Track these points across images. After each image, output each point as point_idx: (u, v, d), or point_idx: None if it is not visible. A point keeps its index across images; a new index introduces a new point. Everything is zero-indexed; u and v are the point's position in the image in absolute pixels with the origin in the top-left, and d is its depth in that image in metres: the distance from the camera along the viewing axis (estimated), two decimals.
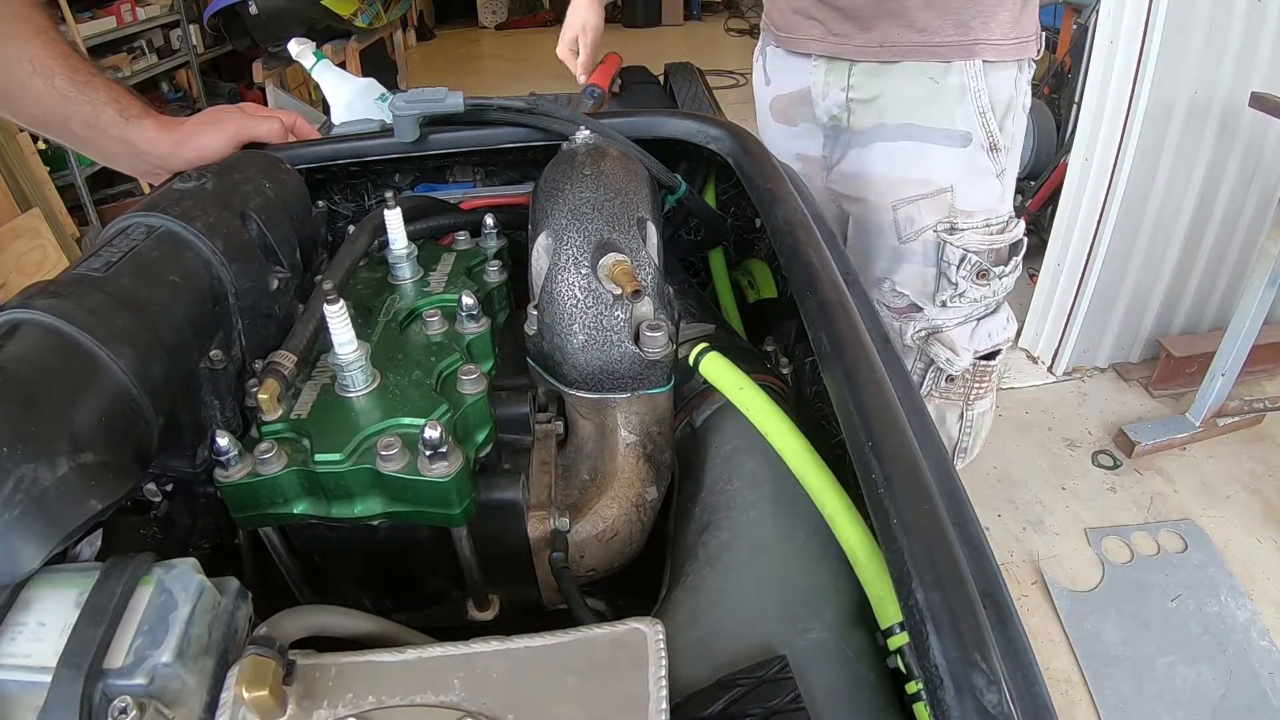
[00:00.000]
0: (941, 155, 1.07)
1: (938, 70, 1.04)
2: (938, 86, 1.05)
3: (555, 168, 0.72)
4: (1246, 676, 1.54)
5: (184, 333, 0.55)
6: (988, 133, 1.06)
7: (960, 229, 1.09)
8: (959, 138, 1.06)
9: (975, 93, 1.04)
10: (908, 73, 1.06)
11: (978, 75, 1.03)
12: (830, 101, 1.14)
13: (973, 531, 0.44)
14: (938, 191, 1.08)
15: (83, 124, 0.77)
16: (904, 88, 1.07)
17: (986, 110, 1.05)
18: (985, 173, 1.08)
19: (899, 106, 1.08)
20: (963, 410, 1.22)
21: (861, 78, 1.09)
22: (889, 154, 1.11)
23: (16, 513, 0.38)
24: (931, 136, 1.07)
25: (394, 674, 0.41)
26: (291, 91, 3.83)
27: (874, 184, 1.13)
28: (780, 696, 0.43)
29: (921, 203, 1.10)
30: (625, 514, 0.61)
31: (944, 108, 1.06)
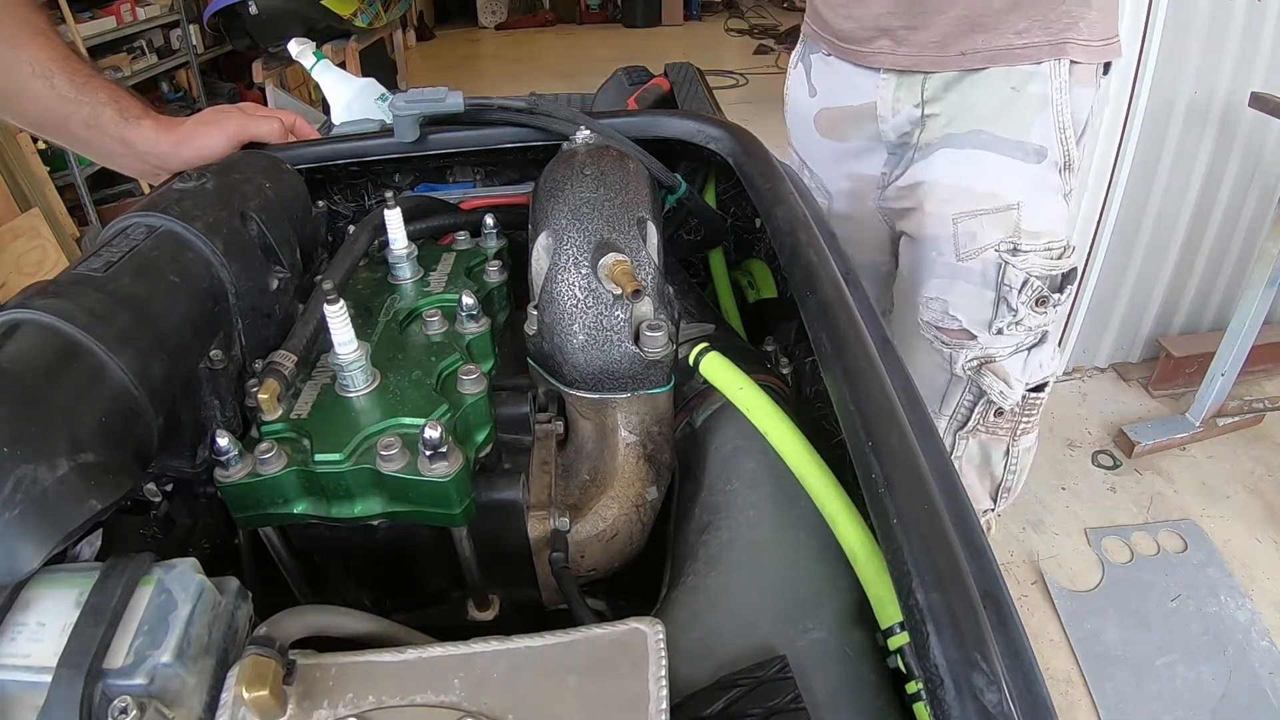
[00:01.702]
0: (1012, 169, 0.99)
1: (1020, 77, 0.96)
2: (1018, 95, 0.97)
3: (555, 168, 0.72)
4: (1246, 676, 1.54)
5: (184, 333, 0.55)
6: (1064, 150, 0.99)
7: (1023, 250, 1.01)
8: (1033, 152, 0.98)
9: (1058, 106, 0.96)
10: (990, 81, 0.98)
11: (1062, 87, 0.95)
12: (902, 118, 1.05)
13: (973, 531, 0.44)
14: (1004, 208, 1.00)
15: (82, 125, 0.77)
16: (984, 98, 0.99)
17: (1066, 126, 0.97)
18: (1054, 192, 1.01)
19: (972, 113, 1.00)
20: (1009, 445, 1.14)
21: (938, 90, 1.01)
22: (954, 163, 1.02)
23: (16, 513, 0.38)
24: (1003, 147, 0.99)
25: (394, 674, 0.41)
26: (291, 91, 3.83)
27: (935, 193, 1.04)
28: (780, 696, 0.43)
29: (985, 218, 1.01)
30: (625, 514, 0.61)
31: (1021, 118, 0.98)
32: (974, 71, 0.98)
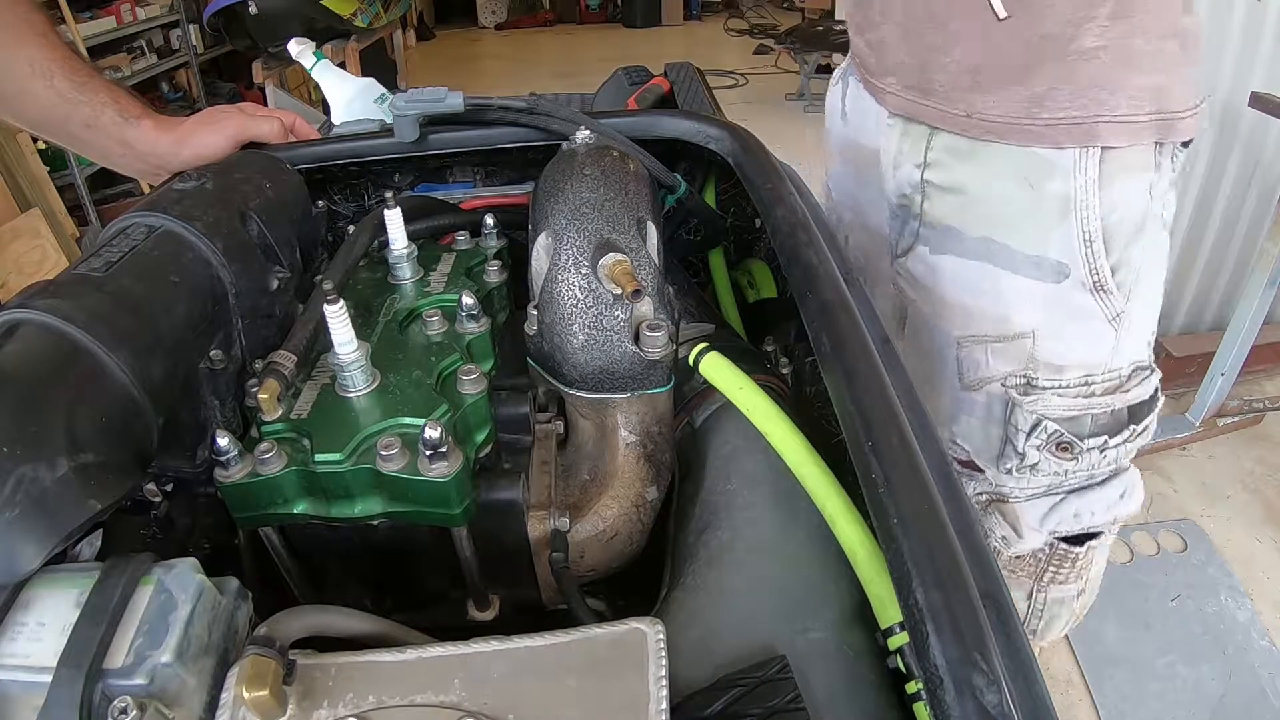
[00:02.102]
0: (1024, 289, 0.81)
1: (1037, 167, 0.76)
2: (1033, 195, 0.77)
3: (555, 168, 0.72)
4: (1246, 676, 1.54)
5: (184, 333, 0.55)
6: (1091, 267, 0.78)
7: (1040, 387, 0.83)
8: (1050, 269, 0.79)
9: (1082, 209, 0.76)
10: (999, 161, 0.79)
11: (1090, 186, 0.75)
12: (902, 177, 0.88)
13: (973, 531, 0.44)
14: (1014, 336, 0.83)
15: (82, 125, 0.77)
16: (991, 184, 0.80)
17: (1094, 236, 0.76)
18: (1087, 316, 0.81)
19: (981, 210, 0.82)
20: (1032, 591, 0.96)
21: (942, 153, 0.83)
22: (959, 274, 0.85)
23: (16, 513, 0.38)
24: (1014, 262, 0.81)
25: (394, 674, 0.41)
26: (291, 91, 3.83)
27: (936, 303, 0.89)
28: (780, 696, 0.43)
29: (992, 346, 0.84)
30: (625, 514, 0.61)
31: (1037, 226, 0.78)
32: (984, 143, 0.79)
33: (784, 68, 5.80)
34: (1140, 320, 0.84)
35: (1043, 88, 0.74)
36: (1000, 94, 0.76)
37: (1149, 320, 0.86)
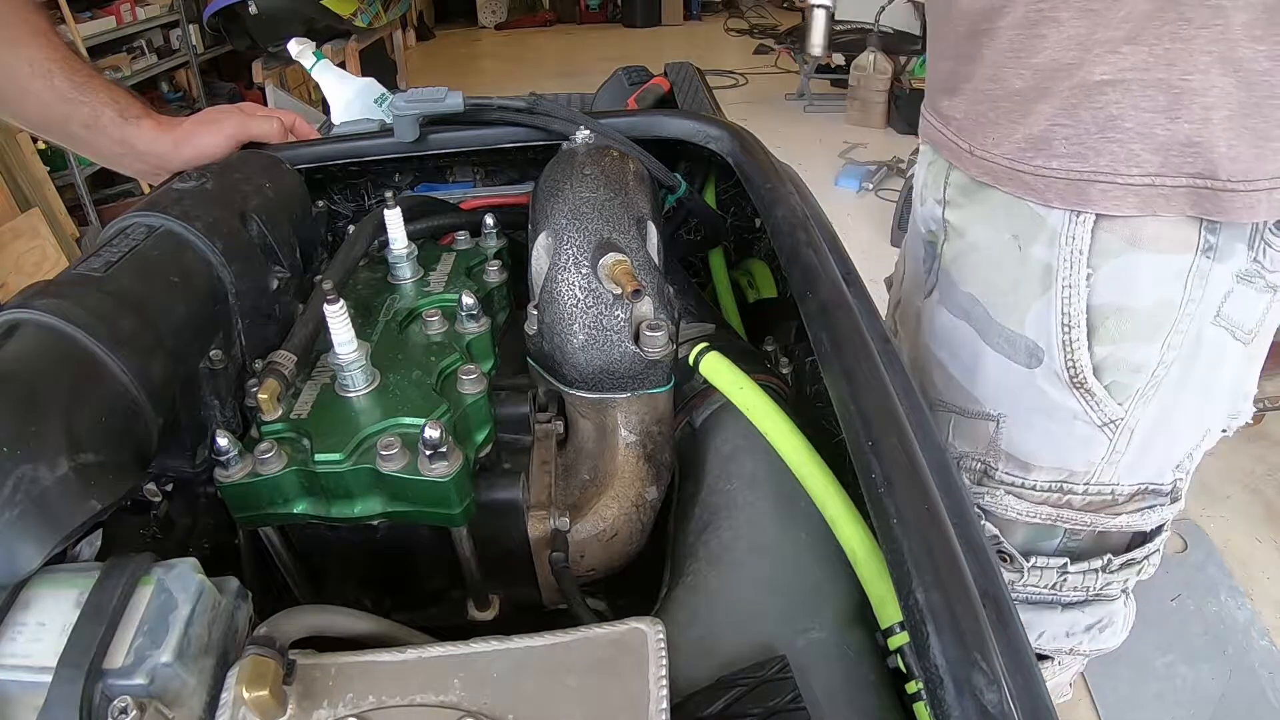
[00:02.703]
0: (995, 365, 0.71)
1: (1027, 226, 0.66)
2: (1019, 258, 0.67)
3: (555, 167, 0.72)
4: (1246, 676, 1.54)
5: (184, 333, 0.55)
6: (1069, 359, 0.65)
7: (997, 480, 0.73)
8: (1024, 349, 0.68)
9: (1064, 285, 0.63)
10: (995, 210, 0.69)
11: (1075, 257, 0.62)
12: (927, 211, 0.81)
13: (973, 531, 0.44)
14: (977, 415, 0.74)
15: (82, 125, 0.77)
16: (985, 235, 0.71)
17: (1075, 321, 0.64)
18: (1064, 414, 0.68)
19: (972, 263, 0.73)
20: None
21: (957, 193, 0.74)
22: (947, 332, 0.77)
23: (16, 513, 0.38)
24: (990, 332, 0.71)
25: (394, 674, 0.41)
26: (291, 91, 3.83)
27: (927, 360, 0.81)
28: (780, 696, 0.43)
29: (956, 419, 0.76)
30: (625, 514, 0.61)
31: (1017, 295, 0.68)
32: (985, 186, 0.70)
33: (784, 68, 5.80)
34: (1160, 436, 0.68)
35: (1040, 127, 0.62)
36: (1001, 130, 0.66)
37: (1180, 440, 0.70)
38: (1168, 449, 0.70)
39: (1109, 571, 0.75)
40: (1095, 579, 0.75)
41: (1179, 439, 0.70)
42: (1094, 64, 0.58)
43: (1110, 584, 0.76)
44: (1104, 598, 0.78)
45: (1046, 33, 0.60)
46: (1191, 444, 0.71)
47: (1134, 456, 0.69)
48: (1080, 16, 0.58)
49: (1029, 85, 0.63)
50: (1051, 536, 0.75)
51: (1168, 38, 0.55)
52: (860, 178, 3.74)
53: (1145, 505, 0.72)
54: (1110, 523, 0.72)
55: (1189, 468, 0.72)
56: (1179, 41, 0.55)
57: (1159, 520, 0.72)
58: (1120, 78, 0.58)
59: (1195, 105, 0.56)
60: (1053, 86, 0.61)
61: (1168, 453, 0.71)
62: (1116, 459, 0.70)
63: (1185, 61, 0.56)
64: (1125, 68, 0.57)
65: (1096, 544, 0.75)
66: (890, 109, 4.44)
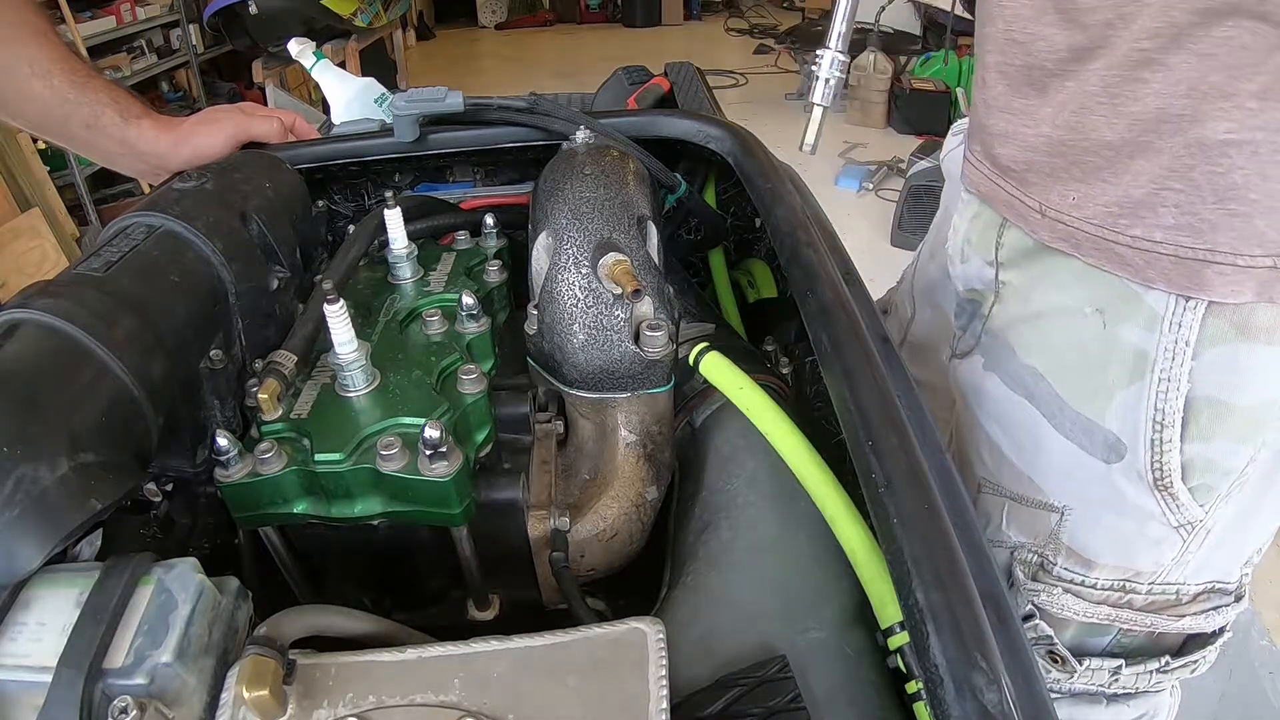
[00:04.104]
0: (1064, 454, 0.63)
1: (1116, 303, 0.56)
2: (1103, 337, 0.58)
3: (555, 167, 0.72)
4: (1246, 676, 1.54)
5: (184, 333, 0.55)
6: (1156, 459, 0.57)
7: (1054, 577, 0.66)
8: (1102, 442, 0.60)
9: (1162, 377, 0.55)
10: (1069, 279, 0.60)
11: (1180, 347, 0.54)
12: (971, 270, 0.70)
13: (973, 531, 0.44)
14: (1038, 505, 0.66)
15: (82, 125, 0.77)
16: (1059, 304, 0.61)
17: (1170, 420, 0.56)
18: (1139, 514, 0.61)
19: (1039, 334, 0.63)
20: None
21: (1014, 252, 0.64)
22: (1000, 404, 0.68)
23: (16, 512, 0.38)
24: (1060, 416, 0.62)
25: (394, 674, 0.41)
26: (291, 91, 3.83)
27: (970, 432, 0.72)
28: (780, 696, 0.43)
29: (1011, 505, 0.68)
30: (625, 514, 0.61)
31: (1098, 380, 0.59)
32: (1055, 252, 0.60)
33: (784, 68, 5.80)
34: (1234, 537, 0.62)
35: (1142, 190, 0.52)
36: (1085, 187, 0.55)
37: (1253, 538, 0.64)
38: (1240, 548, 0.65)
39: (1164, 671, 0.70)
40: (1149, 679, 0.70)
41: (1252, 537, 0.65)
42: (1215, 118, 0.48)
43: (1162, 682, 0.71)
44: (1145, 692, 0.73)
45: (1150, 77, 0.50)
46: (1263, 540, 0.66)
47: (1206, 557, 0.63)
48: (1199, 60, 0.48)
49: (1124, 139, 0.52)
50: (1104, 634, 0.69)
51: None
52: (860, 178, 3.74)
53: (1210, 606, 0.66)
54: (1173, 625, 0.66)
55: (1256, 561, 0.67)
56: None
57: (1222, 621, 0.66)
58: (1248, 138, 0.48)
59: None
60: (1156, 142, 0.51)
61: (1239, 551, 0.65)
62: (1188, 559, 0.63)
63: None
64: (1255, 126, 0.48)
65: (1152, 642, 0.69)
66: (890, 109, 4.44)
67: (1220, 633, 0.67)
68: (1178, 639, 0.69)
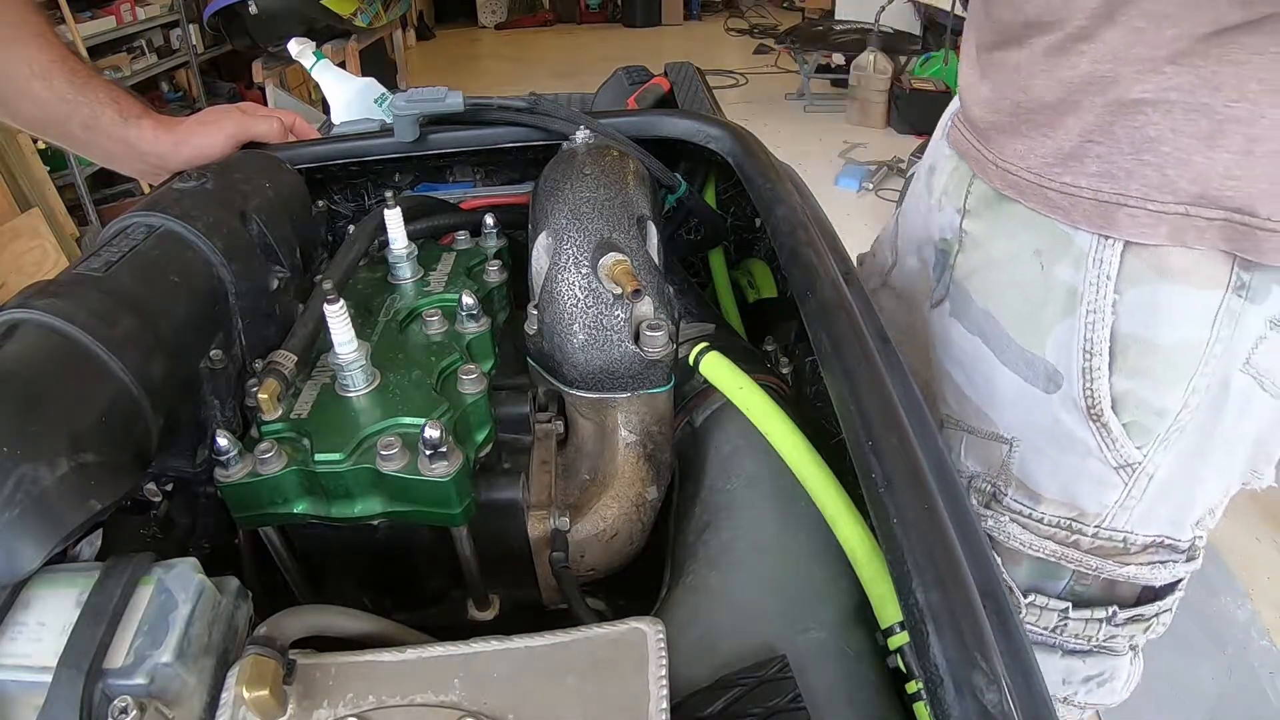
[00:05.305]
0: (1011, 386, 0.68)
1: (1052, 245, 0.63)
2: (1041, 277, 0.64)
3: (555, 167, 0.72)
4: (1246, 676, 1.54)
5: (184, 332, 0.55)
6: (1088, 387, 0.62)
7: (1004, 507, 0.71)
8: (1042, 372, 0.65)
9: (1089, 310, 0.60)
10: (1017, 224, 0.66)
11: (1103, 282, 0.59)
12: (944, 218, 0.76)
13: (973, 531, 0.44)
14: (989, 436, 0.71)
15: (81, 125, 0.77)
16: (1006, 249, 0.67)
17: (1098, 348, 0.61)
18: (1080, 448, 0.65)
19: (990, 278, 0.69)
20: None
21: (978, 201, 0.71)
22: (960, 349, 0.74)
23: (16, 512, 0.38)
24: (1007, 352, 0.68)
25: (394, 674, 0.41)
26: (291, 91, 3.83)
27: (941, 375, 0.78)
28: (780, 696, 0.43)
29: (968, 438, 0.74)
30: (625, 513, 0.61)
31: (1038, 316, 0.65)
32: (1008, 199, 0.67)
33: (784, 68, 5.80)
34: (1179, 487, 0.65)
35: (1071, 143, 0.59)
36: (1029, 141, 0.63)
37: (1202, 495, 0.67)
38: (1188, 503, 0.67)
39: (1113, 624, 0.72)
40: (1098, 629, 0.72)
41: (1201, 494, 0.67)
42: (1133, 81, 0.55)
43: (1115, 637, 0.73)
44: (1109, 650, 0.75)
45: (1085, 48, 0.57)
46: (1214, 500, 0.68)
47: (1150, 506, 0.66)
48: (1127, 33, 0.54)
49: (1060, 99, 0.60)
50: (1058, 577, 0.72)
51: (1215, 60, 0.52)
52: (860, 178, 3.74)
53: (1158, 559, 0.69)
54: (1118, 571, 0.68)
55: (1210, 525, 0.69)
56: (1228, 66, 0.51)
57: (1171, 577, 0.69)
58: (1162, 98, 0.54)
59: (1239, 135, 0.53)
60: (1084, 101, 0.58)
61: (1187, 507, 0.67)
62: (1131, 505, 0.67)
63: (1232, 88, 0.52)
64: (1168, 88, 0.54)
65: (1104, 593, 0.72)
66: (890, 109, 4.44)
67: (1172, 589, 0.70)
68: (1130, 592, 0.71)
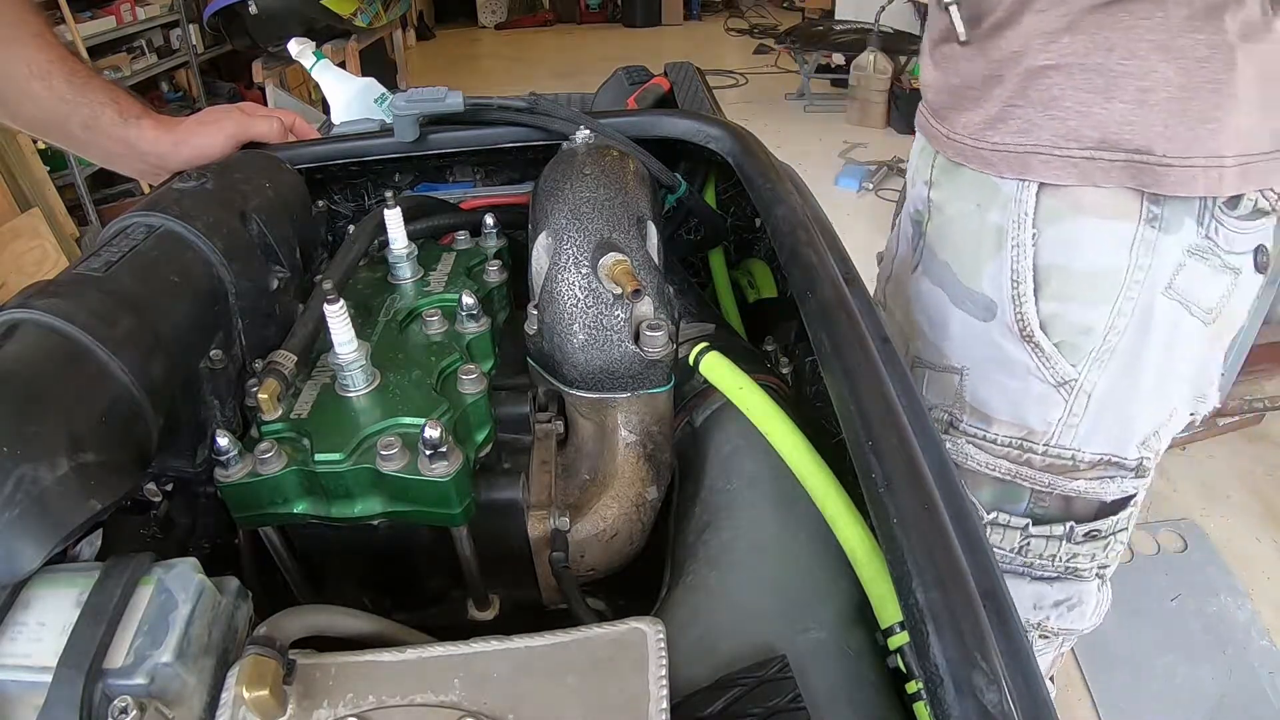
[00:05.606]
0: (960, 322, 0.78)
1: (986, 196, 0.73)
2: (979, 223, 0.74)
3: (555, 167, 0.72)
4: (1246, 676, 1.54)
5: (184, 332, 0.55)
6: (1018, 311, 0.72)
7: (963, 430, 0.80)
8: (981, 304, 0.75)
9: (1013, 244, 0.71)
10: (963, 184, 0.77)
11: (1023, 219, 0.70)
12: (916, 193, 0.88)
13: (973, 531, 0.44)
14: (945, 369, 0.81)
15: (81, 126, 0.77)
16: (956, 207, 0.79)
17: (1023, 277, 0.71)
18: (1020, 369, 0.74)
19: (946, 234, 0.81)
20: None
21: (938, 173, 0.82)
22: (924, 297, 0.85)
23: (16, 512, 0.38)
24: (957, 293, 0.78)
25: (394, 674, 0.41)
26: (291, 91, 3.83)
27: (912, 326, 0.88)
28: (780, 696, 0.43)
29: (930, 374, 0.84)
30: (625, 513, 0.61)
31: (977, 256, 0.75)
32: (957, 165, 0.77)
33: (784, 68, 5.80)
34: (1117, 404, 0.73)
35: (996, 109, 0.71)
36: (968, 114, 0.74)
37: (1143, 414, 0.74)
38: (1129, 421, 0.74)
39: (1073, 541, 0.78)
40: (1059, 547, 0.79)
41: (1141, 413, 0.74)
42: (1038, 52, 0.67)
43: (1076, 556, 0.80)
44: (1075, 574, 0.81)
45: (1010, 34, 0.69)
46: (1157, 422, 0.75)
47: (1092, 423, 0.74)
48: (1037, 16, 0.67)
49: (987, 75, 0.72)
50: (1018, 498, 0.79)
51: (1108, 27, 0.63)
52: (860, 178, 3.74)
53: (1106, 475, 0.75)
54: (1070, 485, 0.76)
55: (1157, 447, 0.76)
56: (1119, 30, 0.63)
57: (1120, 492, 0.75)
58: (1061, 62, 0.66)
59: (1131, 87, 0.63)
60: (1006, 74, 0.70)
61: (1129, 426, 0.75)
62: (1074, 422, 0.75)
63: (1123, 48, 0.63)
64: (1066, 54, 0.65)
65: (1062, 511, 0.78)
66: (890, 109, 4.44)
67: (1124, 505, 0.77)
68: (1086, 509, 0.78)
